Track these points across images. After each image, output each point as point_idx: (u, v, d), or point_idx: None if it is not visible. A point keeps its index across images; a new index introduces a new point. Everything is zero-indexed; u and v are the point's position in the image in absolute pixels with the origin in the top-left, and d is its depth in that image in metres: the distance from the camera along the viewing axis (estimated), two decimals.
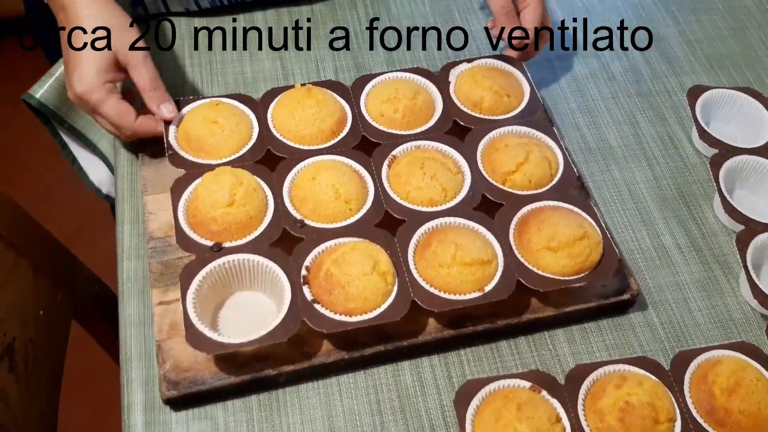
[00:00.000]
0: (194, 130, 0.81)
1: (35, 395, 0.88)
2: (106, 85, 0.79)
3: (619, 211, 0.89)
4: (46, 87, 0.95)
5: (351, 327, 0.71)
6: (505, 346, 0.78)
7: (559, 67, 1.02)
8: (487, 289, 0.74)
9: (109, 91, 0.80)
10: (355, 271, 0.72)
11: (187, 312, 0.70)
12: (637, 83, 1.01)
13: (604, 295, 0.79)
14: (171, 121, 0.83)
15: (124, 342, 0.77)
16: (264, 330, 0.70)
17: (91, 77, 0.78)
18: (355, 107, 0.86)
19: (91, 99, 0.79)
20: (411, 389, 0.75)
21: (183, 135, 0.82)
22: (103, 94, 0.79)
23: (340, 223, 0.78)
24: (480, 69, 0.89)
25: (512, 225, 0.79)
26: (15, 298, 0.84)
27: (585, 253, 0.76)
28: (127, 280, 0.81)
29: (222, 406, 0.73)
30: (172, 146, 0.82)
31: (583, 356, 0.78)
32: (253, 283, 0.77)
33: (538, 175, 0.81)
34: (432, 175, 0.79)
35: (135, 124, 0.81)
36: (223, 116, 0.82)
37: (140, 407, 0.73)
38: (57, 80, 0.95)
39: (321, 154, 0.82)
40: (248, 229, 0.76)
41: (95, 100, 0.79)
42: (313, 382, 0.75)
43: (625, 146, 0.95)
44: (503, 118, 0.87)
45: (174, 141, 0.82)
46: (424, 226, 0.78)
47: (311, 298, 0.72)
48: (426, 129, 0.85)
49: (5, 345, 0.82)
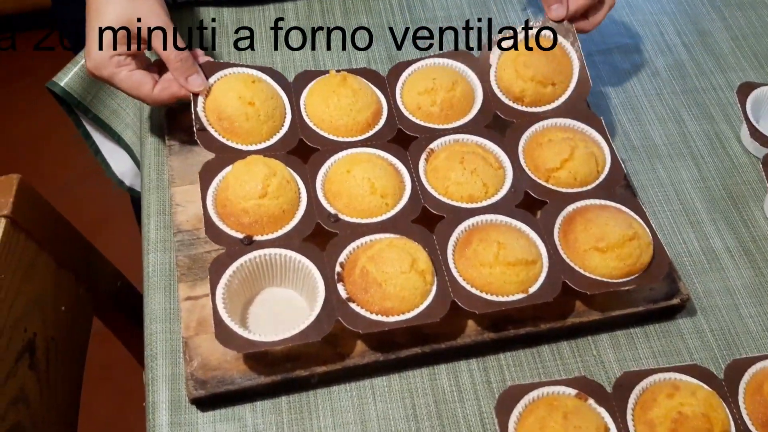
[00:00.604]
0: (228, 109, 0.77)
1: (56, 395, 0.85)
2: (115, 59, 0.75)
3: (665, 212, 0.85)
4: (70, 75, 0.92)
5: (388, 327, 0.67)
6: (547, 351, 0.75)
7: (600, 62, 0.98)
8: (532, 290, 0.71)
9: (119, 64, 0.76)
10: (393, 269, 0.69)
11: (216, 308, 0.67)
12: (682, 80, 0.97)
13: (652, 300, 0.75)
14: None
15: (148, 338, 0.74)
16: (296, 329, 0.67)
17: (98, 52, 0.75)
18: (391, 99, 0.82)
19: (102, 74, 0.76)
20: (448, 394, 0.72)
21: (213, 109, 0.78)
22: (112, 68, 0.76)
23: (375, 219, 0.74)
24: (521, 55, 0.84)
25: (557, 224, 0.75)
26: (36, 293, 0.81)
27: (635, 254, 0.72)
28: (153, 274, 0.78)
29: (251, 407, 0.70)
30: (201, 120, 0.77)
31: (629, 363, 0.74)
32: (284, 280, 0.74)
33: (584, 172, 0.78)
34: (472, 170, 0.76)
35: (153, 93, 0.78)
36: (259, 98, 0.78)
37: (165, 406, 0.70)
38: (82, 68, 0.92)
39: (356, 147, 0.78)
40: (280, 223, 0.73)
41: (106, 75, 0.76)
42: (345, 384, 0.72)
43: (670, 144, 0.91)
44: (546, 110, 0.83)
45: (202, 114, 0.78)
46: (463, 224, 0.74)
47: (346, 296, 0.69)
48: (465, 123, 0.81)
49: (26, 341, 0.79)
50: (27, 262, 0.79)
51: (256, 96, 0.78)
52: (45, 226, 0.83)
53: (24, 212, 0.78)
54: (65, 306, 0.86)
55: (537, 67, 0.83)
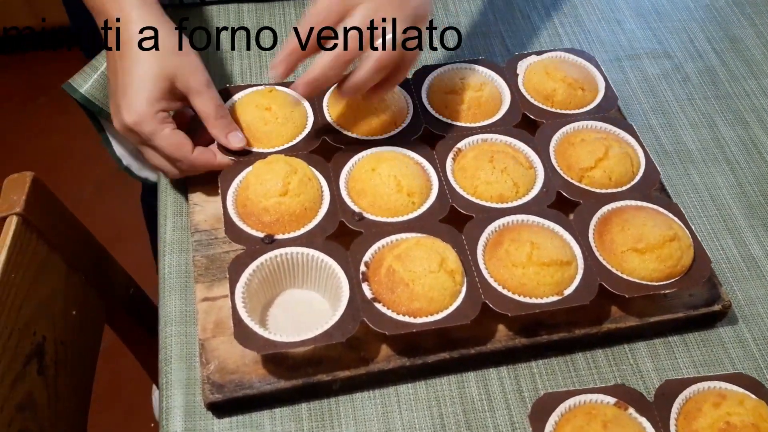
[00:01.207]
0: (245, 117, 0.76)
1: (65, 403, 0.82)
2: (160, 115, 0.70)
3: (701, 218, 0.82)
4: (90, 82, 0.88)
5: (416, 329, 0.64)
6: (581, 359, 0.71)
7: (629, 67, 0.96)
8: (567, 293, 0.67)
9: (163, 121, 0.70)
10: (421, 269, 0.66)
11: (236, 307, 0.64)
12: (714, 85, 0.94)
13: (692, 306, 0.71)
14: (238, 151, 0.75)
15: (163, 341, 0.71)
16: (319, 329, 0.63)
17: (142, 106, 0.69)
18: (417, 98, 0.80)
19: (143, 130, 0.70)
20: (477, 403, 0.68)
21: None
22: (156, 125, 0.70)
23: (402, 218, 0.71)
24: (552, 61, 0.83)
25: (592, 225, 0.71)
26: (46, 295, 0.78)
27: (676, 256, 0.68)
28: (169, 275, 0.75)
29: (269, 414, 0.67)
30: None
31: (668, 372, 0.70)
32: (306, 280, 0.70)
33: (619, 172, 0.74)
34: (502, 169, 0.73)
35: (192, 156, 0.72)
36: (276, 103, 0.76)
37: (180, 411, 0.66)
38: (102, 75, 0.87)
39: (380, 146, 0.76)
40: (302, 221, 0.70)
41: (148, 132, 0.70)
42: (369, 391, 0.68)
43: (704, 150, 0.88)
44: (578, 112, 0.80)
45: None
46: (494, 223, 0.71)
47: (371, 297, 0.66)
48: (493, 122, 0.79)
49: (35, 345, 0.76)
50: (38, 262, 0.76)
51: (273, 102, 0.77)
52: (57, 226, 0.80)
53: (36, 211, 0.76)
54: (76, 310, 0.83)
55: (567, 71, 0.82)
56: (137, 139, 0.71)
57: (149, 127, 0.70)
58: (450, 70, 0.83)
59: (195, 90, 0.71)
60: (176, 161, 0.72)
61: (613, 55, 0.96)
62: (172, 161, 0.72)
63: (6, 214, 0.72)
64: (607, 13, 1.02)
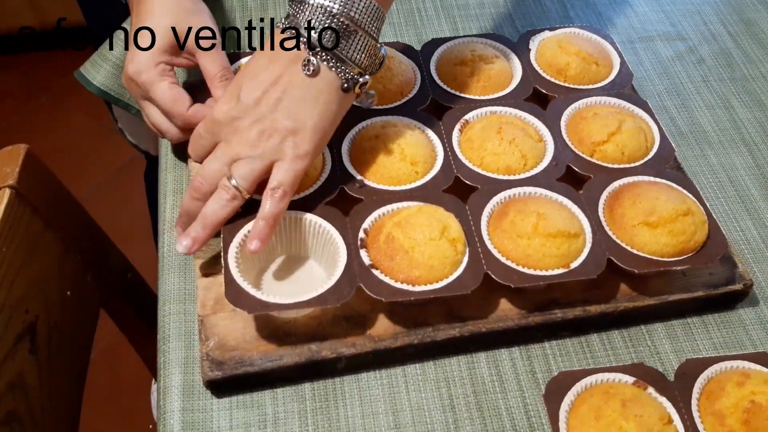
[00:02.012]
0: None
1: (57, 386, 0.79)
2: (160, 66, 0.69)
3: (719, 199, 0.79)
4: (103, 73, 0.86)
5: (414, 297, 0.61)
6: (596, 340, 0.68)
7: (642, 48, 0.93)
8: (573, 266, 0.64)
9: (162, 73, 0.69)
10: (421, 236, 0.63)
11: (228, 266, 0.62)
12: (729, 67, 0.92)
13: (712, 285, 0.68)
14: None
15: (162, 320, 0.68)
16: (314, 293, 0.61)
17: (145, 56, 0.69)
18: (425, 69, 0.78)
19: (141, 80, 0.69)
20: (488, 384, 0.65)
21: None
22: (154, 75, 0.69)
23: (404, 186, 0.68)
24: (566, 35, 0.81)
25: (602, 199, 0.69)
26: (40, 273, 0.75)
27: (689, 231, 0.66)
28: (168, 253, 0.72)
29: (271, 394, 0.63)
30: None
31: (687, 354, 0.67)
32: (303, 246, 0.68)
33: (632, 146, 0.72)
34: (510, 140, 0.70)
35: (187, 113, 0.70)
36: None
37: (178, 391, 0.63)
38: (114, 66, 0.85)
39: (385, 115, 0.73)
40: (301, 187, 0.68)
41: (145, 81, 0.69)
42: (375, 371, 0.65)
43: (720, 131, 0.85)
44: (591, 87, 0.78)
45: None
46: (499, 195, 0.68)
47: (369, 263, 0.63)
48: (503, 95, 0.76)
49: (27, 324, 0.73)
50: (31, 239, 0.74)
51: None
52: (53, 203, 0.77)
53: (31, 185, 0.73)
54: (71, 291, 0.80)
55: (582, 45, 0.79)
56: (137, 90, 0.70)
57: (146, 77, 0.69)
58: (460, 43, 0.81)
59: (201, 48, 0.70)
60: (172, 117, 0.70)
61: (625, 37, 0.94)
62: (168, 115, 0.70)
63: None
64: None
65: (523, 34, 0.83)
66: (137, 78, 0.69)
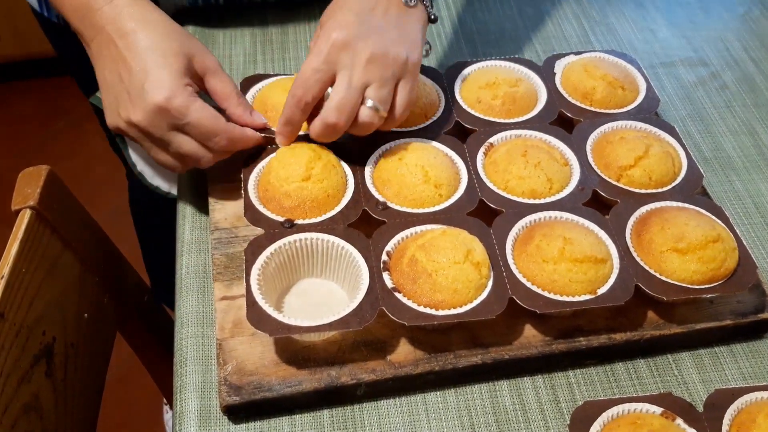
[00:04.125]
0: (272, 100, 0.74)
1: (72, 408, 0.78)
2: (189, 88, 0.65)
3: (745, 225, 0.77)
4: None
5: (437, 321, 0.60)
6: (621, 369, 0.66)
7: (664, 74, 0.93)
8: (600, 292, 0.63)
9: (192, 94, 0.65)
10: (445, 259, 0.62)
11: (250, 288, 0.61)
12: (753, 93, 0.91)
13: (740, 313, 0.67)
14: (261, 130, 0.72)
15: (179, 343, 0.67)
16: (336, 316, 0.60)
17: (171, 80, 0.64)
18: (449, 92, 0.77)
19: (175, 105, 0.64)
20: (511, 413, 0.63)
21: (260, 106, 0.75)
22: (188, 97, 0.64)
23: (428, 209, 0.68)
24: (591, 59, 0.80)
25: (629, 224, 0.68)
26: (58, 293, 0.75)
27: (719, 258, 0.64)
28: (186, 275, 0.71)
29: (289, 420, 0.62)
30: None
31: (715, 384, 0.65)
32: (324, 269, 0.67)
33: (660, 171, 0.71)
34: (536, 164, 0.69)
35: (230, 127, 0.67)
36: None
37: (194, 416, 0.62)
38: None
39: (409, 137, 0.73)
40: (324, 208, 0.67)
41: (181, 106, 0.64)
42: (394, 398, 0.64)
43: (745, 157, 0.84)
44: (617, 112, 0.77)
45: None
46: (525, 219, 0.67)
47: (392, 286, 0.62)
48: (528, 118, 0.76)
49: (44, 345, 0.72)
50: (50, 259, 0.73)
51: None
52: (72, 223, 0.77)
53: (51, 206, 0.73)
54: (88, 313, 0.79)
55: (607, 69, 0.79)
56: (166, 121, 0.65)
57: (182, 99, 0.64)
58: (485, 66, 0.81)
59: (212, 69, 0.69)
60: (213, 136, 0.66)
61: (647, 62, 0.93)
62: (208, 138, 0.66)
63: (20, 207, 0.70)
64: (639, 22, 1.00)
65: (548, 58, 0.82)
66: (170, 104, 0.64)
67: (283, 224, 0.66)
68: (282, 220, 0.66)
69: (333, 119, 0.66)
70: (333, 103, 0.66)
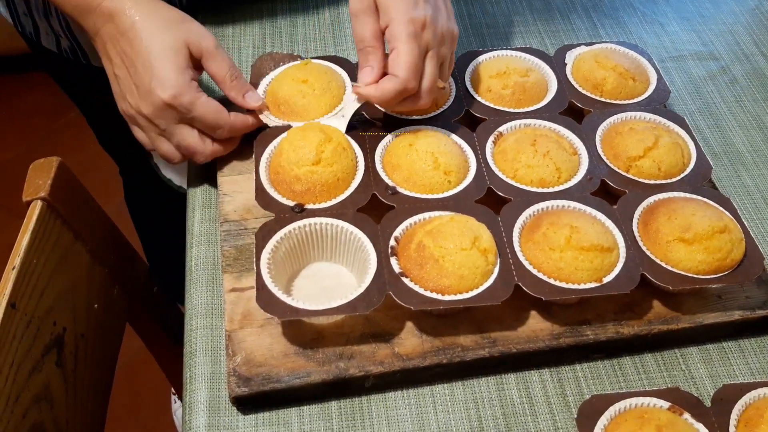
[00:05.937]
0: (282, 92, 0.74)
1: (82, 399, 0.78)
2: (193, 83, 0.68)
3: (754, 220, 0.77)
4: None
5: (443, 306, 0.61)
6: (628, 364, 0.66)
7: (673, 68, 0.92)
8: (606, 280, 0.63)
9: (197, 89, 0.69)
10: (452, 245, 0.62)
11: (260, 272, 0.62)
12: (763, 87, 0.91)
13: (748, 308, 0.67)
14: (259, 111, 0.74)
15: (188, 334, 0.67)
16: (343, 300, 0.60)
17: (176, 77, 0.67)
18: (460, 81, 0.77)
19: (183, 101, 0.67)
20: (518, 406, 0.64)
21: (272, 100, 0.75)
22: (194, 92, 0.68)
23: (436, 195, 0.68)
24: (602, 50, 0.80)
25: (636, 214, 0.68)
26: (69, 284, 0.75)
27: (725, 248, 0.64)
28: (196, 267, 0.72)
29: (297, 412, 0.63)
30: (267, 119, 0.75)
31: (723, 379, 0.66)
32: (334, 253, 0.68)
33: (669, 162, 0.71)
34: (545, 153, 0.70)
35: (231, 119, 0.70)
36: (312, 75, 0.75)
37: (204, 407, 0.63)
38: None
39: (419, 125, 0.73)
40: (334, 192, 0.68)
41: (187, 102, 0.67)
42: (402, 390, 0.64)
43: (755, 152, 0.84)
44: (628, 102, 0.77)
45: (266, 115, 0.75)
46: (532, 207, 0.68)
47: (399, 271, 0.62)
48: (538, 108, 0.76)
49: (54, 335, 0.73)
50: (61, 250, 0.74)
51: (308, 74, 0.75)
52: (83, 215, 0.78)
53: (62, 197, 0.73)
54: (98, 304, 0.80)
55: (618, 60, 0.79)
56: (174, 115, 0.68)
57: (188, 96, 0.68)
58: (496, 55, 0.81)
59: (208, 52, 0.70)
60: (216, 128, 0.70)
61: (656, 56, 0.93)
62: (212, 130, 0.70)
63: (31, 199, 0.70)
64: (649, 15, 0.99)
65: (560, 48, 0.82)
66: (177, 101, 0.67)
67: (293, 209, 0.67)
68: (292, 204, 0.67)
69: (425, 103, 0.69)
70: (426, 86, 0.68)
